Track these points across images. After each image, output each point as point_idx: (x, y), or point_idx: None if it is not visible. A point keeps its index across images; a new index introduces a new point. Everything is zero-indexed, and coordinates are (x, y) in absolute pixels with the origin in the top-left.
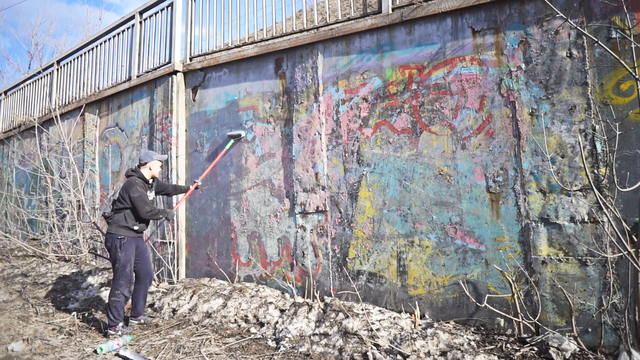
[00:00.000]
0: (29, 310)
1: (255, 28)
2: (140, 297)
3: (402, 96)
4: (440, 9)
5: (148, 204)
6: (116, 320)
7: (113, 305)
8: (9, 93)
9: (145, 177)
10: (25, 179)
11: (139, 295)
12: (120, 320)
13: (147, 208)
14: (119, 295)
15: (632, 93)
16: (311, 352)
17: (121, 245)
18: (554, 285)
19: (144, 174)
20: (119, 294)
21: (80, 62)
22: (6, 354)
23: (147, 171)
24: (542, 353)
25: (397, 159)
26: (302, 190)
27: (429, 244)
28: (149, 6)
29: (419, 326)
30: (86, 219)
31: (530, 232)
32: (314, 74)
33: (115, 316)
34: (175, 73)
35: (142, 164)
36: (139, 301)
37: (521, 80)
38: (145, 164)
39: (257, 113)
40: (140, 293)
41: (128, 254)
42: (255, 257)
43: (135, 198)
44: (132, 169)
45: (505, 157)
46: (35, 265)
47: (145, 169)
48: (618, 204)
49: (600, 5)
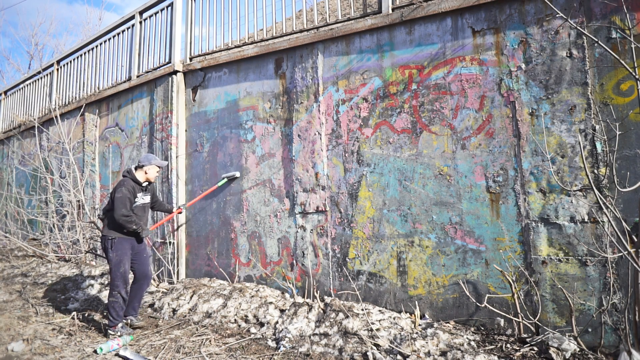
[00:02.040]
0: (29, 310)
1: (255, 28)
2: (134, 297)
3: (402, 96)
4: (440, 9)
5: (126, 208)
6: (115, 321)
7: (111, 305)
8: (9, 93)
9: (138, 179)
10: (25, 179)
11: (134, 295)
12: (119, 321)
13: (124, 211)
14: (116, 296)
15: (632, 93)
16: (311, 352)
17: (112, 246)
18: (554, 285)
19: (137, 176)
20: (116, 294)
21: (80, 62)
22: (6, 354)
23: (142, 174)
24: (542, 353)
25: (397, 159)
26: (302, 190)
27: (429, 244)
28: (149, 6)
29: (419, 326)
30: (86, 219)
31: (530, 232)
32: (314, 74)
33: (114, 316)
34: (175, 73)
35: (139, 166)
36: (132, 301)
37: (521, 80)
38: (142, 166)
39: (257, 113)
40: (136, 293)
41: (120, 254)
42: (255, 257)
43: (117, 199)
44: (127, 170)
45: (505, 157)
46: (35, 265)
47: (140, 172)
48: (618, 204)
49: (600, 5)
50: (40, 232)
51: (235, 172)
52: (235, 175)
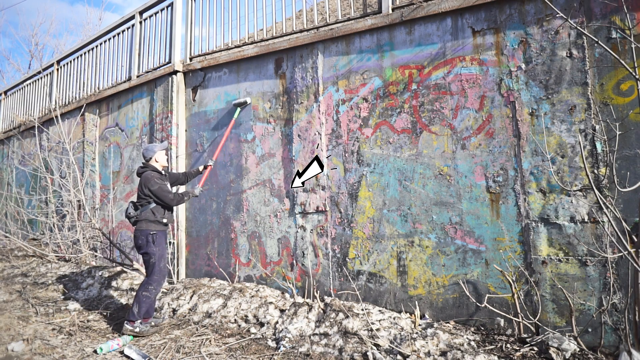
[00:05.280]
0: (29, 310)
1: (255, 28)
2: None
3: (402, 96)
4: (440, 9)
5: (170, 192)
6: (138, 316)
7: (143, 300)
8: (9, 93)
9: (157, 169)
10: (25, 179)
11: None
12: (140, 318)
13: (171, 196)
14: (151, 291)
15: (632, 93)
16: (311, 352)
17: (154, 240)
18: (554, 285)
19: (155, 167)
20: (152, 290)
21: (80, 62)
22: (6, 354)
23: (156, 163)
24: (542, 353)
25: (397, 159)
26: (302, 190)
27: (429, 244)
28: (149, 6)
29: (419, 326)
30: (86, 218)
31: (530, 232)
32: (314, 74)
33: (140, 312)
34: (175, 73)
35: (148, 159)
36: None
37: (521, 80)
38: (150, 159)
39: (257, 113)
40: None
41: (162, 248)
42: (255, 257)
43: (156, 190)
44: (141, 166)
45: (505, 157)
46: (35, 265)
47: (153, 163)
48: (618, 204)
49: (600, 5)
50: (40, 232)
51: (246, 98)
52: (246, 102)
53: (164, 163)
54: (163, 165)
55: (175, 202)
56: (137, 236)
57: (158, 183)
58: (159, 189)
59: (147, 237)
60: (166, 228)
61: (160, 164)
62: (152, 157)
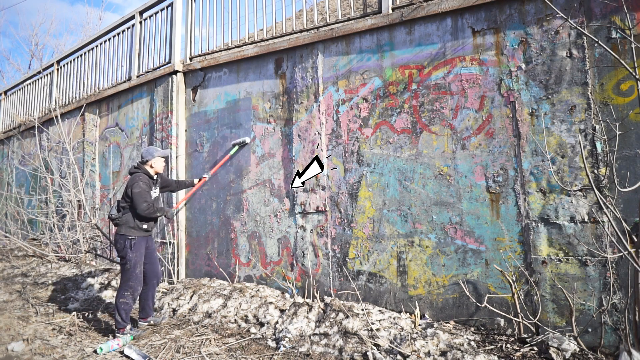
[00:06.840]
0: (29, 310)
1: (255, 28)
2: (148, 298)
3: (402, 96)
4: (440, 9)
5: (147, 201)
6: (124, 323)
7: (122, 307)
8: (9, 93)
9: (149, 173)
10: (25, 179)
11: (148, 296)
12: (128, 323)
13: (145, 205)
14: (127, 297)
15: (632, 93)
16: (311, 352)
17: (132, 246)
18: (554, 285)
19: (147, 170)
20: (128, 295)
21: (80, 62)
22: (6, 354)
23: (150, 168)
24: (542, 353)
25: (397, 159)
26: (302, 190)
27: (429, 244)
28: (149, 6)
29: (419, 326)
30: (86, 219)
31: (530, 232)
32: (314, 74)
33: (124, 318)
34: (175, 73)
35: (144, 162)
36: (148, 302)
37: (521, 80)
38: (147, 162)
39: (257, 113)
40: (149, 294)
41: (139, 254)
42: (255, 257)
43: (135, 194)
44: (134, 166)
45: (505, 157)
46: (35, 265)
47: (147, 166)
48: (618, 204)
49: (600, 5)
50: (40, 232)
51: (245, 137)
52: (245, 141)
53: (159, 169)
54: (157, 172)
55: (146, 214)
56: (117, 240)
57: (142, 187)
58: (139, 193)
59: (126, 242)
60: (147, 234)
61: (155, 170)
62: (149, 160)
